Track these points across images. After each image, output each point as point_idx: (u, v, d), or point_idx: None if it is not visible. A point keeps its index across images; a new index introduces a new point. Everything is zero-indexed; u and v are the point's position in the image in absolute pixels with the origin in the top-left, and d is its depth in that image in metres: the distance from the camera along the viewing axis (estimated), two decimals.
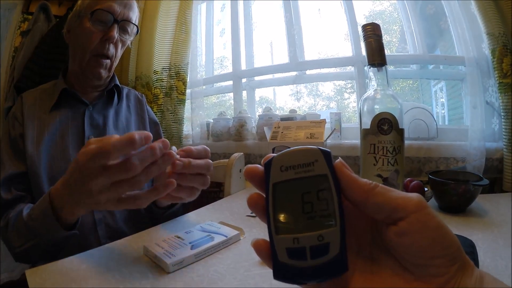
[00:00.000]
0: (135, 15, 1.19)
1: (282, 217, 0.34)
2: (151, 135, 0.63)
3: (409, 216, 0.31)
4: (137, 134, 0.60)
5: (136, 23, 1.21)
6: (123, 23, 1.13)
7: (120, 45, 1.16)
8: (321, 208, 0.33)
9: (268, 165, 0.35)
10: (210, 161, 0.76)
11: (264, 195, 0.35)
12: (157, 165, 0.64)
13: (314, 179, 0.34)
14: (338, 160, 0.35)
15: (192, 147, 0.73)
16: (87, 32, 1.09)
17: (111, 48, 1.12)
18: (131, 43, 1.33)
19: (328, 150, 0.34)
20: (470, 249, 0.65)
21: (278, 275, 0.34)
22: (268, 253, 0.34)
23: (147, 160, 0.62)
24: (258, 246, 0.35)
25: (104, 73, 1.14)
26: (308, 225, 0.33)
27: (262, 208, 0.35)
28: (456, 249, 0.31)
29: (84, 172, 0.63)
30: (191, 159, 0.70)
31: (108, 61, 1.13)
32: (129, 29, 1.18)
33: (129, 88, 1.37)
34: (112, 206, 0.66)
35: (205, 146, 0.76)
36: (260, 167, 0.36)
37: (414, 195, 0.32)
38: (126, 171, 0.61)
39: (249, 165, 0.36)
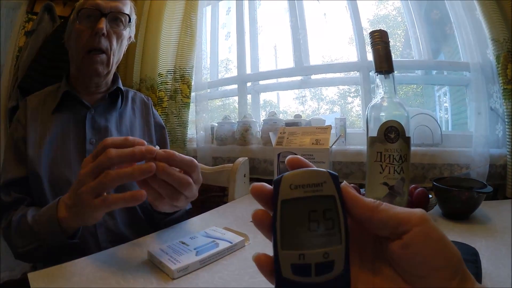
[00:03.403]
0: (126, 6, 1.19)
1: (288, 233, 0.35)
2: (152, 165, 0.65)
3: (412, 229, 0.32)
4: (138, 170, 0.64)
5: (130, 13, 1.20)
6: (112, 14, 1.13)
7: (114, 38, 1.15)
8: (327, 227, 0.34)
9: (277, 182, 0.35)
10: (190, 180, 0.71)
11: (269, 212, 0.36)
12: (130, 172, 0.65)
13: (322, 199, 0.35)
14: (344, 182, 0.36)
15: (177, 153, 0.69)
16: (77, 32, 1.11)
17: (103, 41, 1.11)
18: (135, 37, 1.32)
19: (335, 173, 0.35)
20: (473, 257, 0.65)
21: None
22: (270, 268, 0.35)
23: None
24: (259, 261, 0.36)
25: (101, 68, 1.13)
26: (314, 243, 0.34)
27: (267, 225, 0.36)
28: (458, 261, 0.32)
29: (88, 208, 0.68)
30: (165, 166, 0.67)
31: (104, 55, 1.13)
32: (122, 20, 1.17)
33: (135, 91, 1.37)
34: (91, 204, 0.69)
35: (193, 160, 0.72)
36: (266, 185, 0.37)
37: (417, 210, 0.33)
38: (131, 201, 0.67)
39: (255, 184, 0.37)
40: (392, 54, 0.74)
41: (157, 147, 0.67)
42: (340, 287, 0.34)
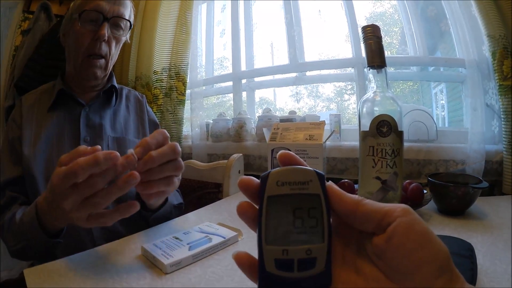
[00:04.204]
0: (127, 10, 1.18)
1: (273, 229, 0.35)
2: (117, 154, 0.63)
3: (395, 220, 0.32)
4: (102, 154, 0.61)
5: (130, 18, 1.20)
6: (114, 19, 1.13)
7: (114, 43, 1.15)
8: (311, 225, 0.35)
9: (265, 178, 0.36)
10: (175, 144, 0.72)
11: (256, 206, 0.37)
12: (117, 187, 0.64)
13: (308, 197, 0.36)
14: (329, 182, 0.37)
15: (148, 139, 0.69)
16: (78, 34, 1.10)
17: (104, 47, 1.12)
18: (130, 39, 1.32)
19: (322, 173, 0.36)
20: (469, 252, 0.65)
21: (263, 285, 0.35)
22: (250, 265, 0.36)
23: (108, 178, 0.64)
24: (239, 259, 0.37)
25: (99, 72, 1.14)
26: (297, 239, 0.35)
27: (250, 217, 0.37)
28: (444, 258, 0.32)
29: (57, 192, 0.65)
30: (151, 152, 0.67)
31: (103, 60, 1.14)
32: (122, 25, 1.17)
33: (129, 89, 1.37)
34: (83, 223, 0.68)
35: (163, 130, 0.72)
36: (254, 179, 0.37)
37: (401, 204, 0.34)
38: (90, 188, 0.63)
39: (243, 177, 0.38)
40: (388, 51, 0.74)
41: (131, 151, 0.66)
42: (322, 284, 0.35)
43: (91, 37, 1.09)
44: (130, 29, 1.22)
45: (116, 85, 1.25)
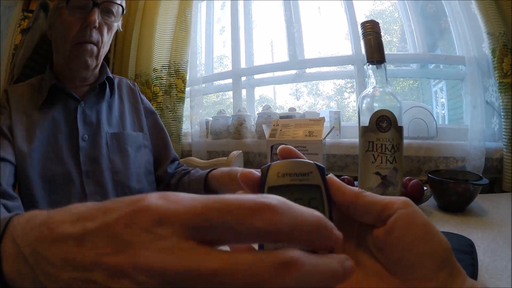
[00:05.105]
0: None
1: None
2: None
3: (396, 212, 0.32)
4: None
5: (121, 3, 1.11)
6: (105, 4, 1.04)
7: (105, 29, 1.06)
8: None
9: (265, 170, 0.36)
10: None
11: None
12: None
13: (308, 187, 0.35)
14: (330, 174, 0.37)
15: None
16: (65, 23, 1.01)
17: (94, 34, 1.02)
18: (129, 36, 1.29)
19: (322, 165, 0.36)
20: (470, 248, 0.65)
21: None
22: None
23: None
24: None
25: (90, 61, 1.05)
26: None
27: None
28: (445, 251, 0.31)
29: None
30: None
31: (94, 47, 1.04)
32: (113, 10, 1.08)
33: (120, 77, 1.29)
34: None
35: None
36: (254, 172, 0.37)
37: (401, 197, 0.34)
38: None
39: (244, 170, 0.37)
40: (388, 49, 0.73)
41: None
42: None
43: (80, 25, 1.00)
44: (122, 14, 1.13)
45: (111, 76, 1.18)
